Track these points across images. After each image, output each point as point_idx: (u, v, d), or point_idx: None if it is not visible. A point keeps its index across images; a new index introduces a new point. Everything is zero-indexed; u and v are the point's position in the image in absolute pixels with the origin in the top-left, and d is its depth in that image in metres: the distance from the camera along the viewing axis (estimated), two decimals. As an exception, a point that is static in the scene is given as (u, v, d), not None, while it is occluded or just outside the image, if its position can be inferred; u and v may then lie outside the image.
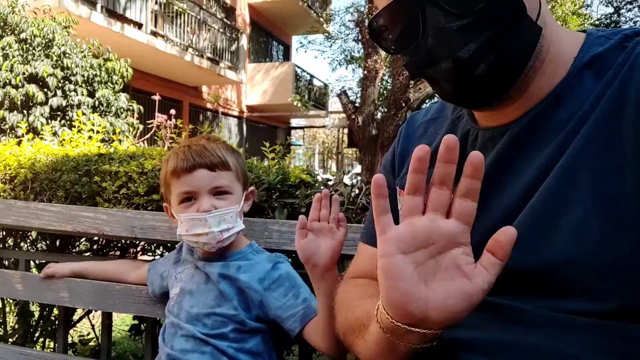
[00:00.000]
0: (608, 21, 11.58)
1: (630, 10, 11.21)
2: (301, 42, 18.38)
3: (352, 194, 1.53)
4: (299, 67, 14.74)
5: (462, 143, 0.75)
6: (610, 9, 11.70)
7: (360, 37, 9.86)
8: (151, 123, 3.88)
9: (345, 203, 1.44)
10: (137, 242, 1.73)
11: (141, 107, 5.08)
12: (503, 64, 0.62)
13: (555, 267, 0.59)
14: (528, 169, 0.65)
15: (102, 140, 2.33)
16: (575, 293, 0.58)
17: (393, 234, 0.55)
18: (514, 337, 0.62)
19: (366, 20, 9.29)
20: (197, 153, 1.12)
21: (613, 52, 0.63)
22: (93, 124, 2.25)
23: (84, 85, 4.71)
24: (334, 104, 17.70)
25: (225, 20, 11.74)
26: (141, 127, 4.85)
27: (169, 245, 1.62)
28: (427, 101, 9.42)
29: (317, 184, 1.55)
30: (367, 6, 9.67)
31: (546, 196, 0.62)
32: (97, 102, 4.64)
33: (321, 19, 15.79)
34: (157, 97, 4.59)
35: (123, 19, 8.12)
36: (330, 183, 1.60)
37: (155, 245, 1.76)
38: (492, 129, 0.71)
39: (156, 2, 9.20)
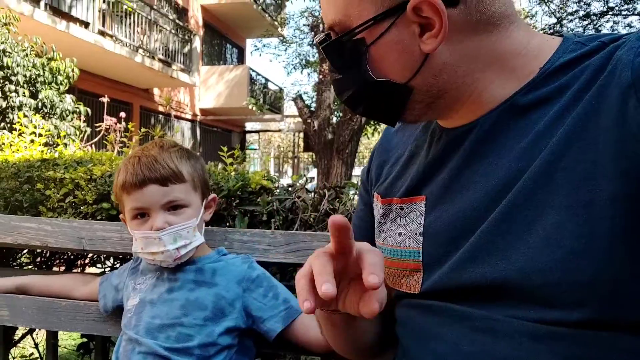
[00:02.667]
0: (551, 31, 12.13)
1: (571, 21, 11.78)
2: (256, 46, 18.25)
3: (315, 200, 1.49)
4: (253, 71, 14.60)
5: (432, 142, 0.75)
6: (554, 20, 12.27)
7: (315, 41, 9.87)
8: (99, 126, 3.70)
9: (309, 210, 1.40)
10: (85, 254, 1.62)
11: (88, 110, 4.85)
12: (373, 111, 0.73)
13: (528, 276, 0.58)
14: (497, 169, 0.63)
15: (46, 144, 2.19)
16: (547, 302, 0.57)
17: None
18: (484, 347, 0.61)
19: (321, 25, 9.31)
20: (147, 166, 1.06)
21: (588, 57, 0.61)
22: (35, 127, 2.10)
23: (25, 85, 4.43)
24: (290, 108, 17.66)
25: (177, 21, 11.46)
26: (88, 130, 4.62)
27: (120, 257, 1.53)
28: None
29: (278, 190, 1.50)
30: (321, 11, 9.71)
31: (520, 200, 0.60)
32: (40, 104, 4.37)
33: (276, 23, 15.71)
34: (105, 99, 4.40)
35: (68, 17, 7.76)
36: (291, 189, 1.55)
37: (105, 256, 1.65)
38: (455, 129, 0.71)
39: (104, 1, 8.87)
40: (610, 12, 10.80)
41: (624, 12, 10.62)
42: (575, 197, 0.56)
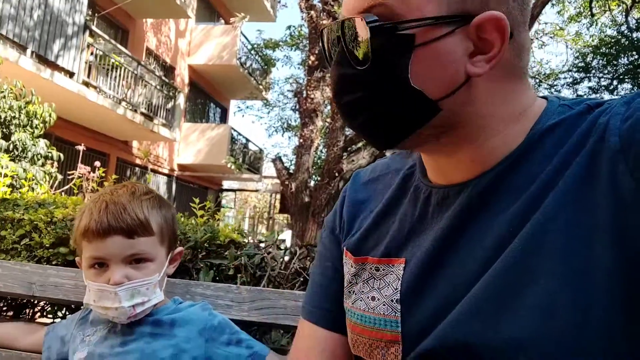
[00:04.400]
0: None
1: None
2: (239, 107, 18.59)
3: (285, 258, 1.44)
4: (235, 130, 14.76)
5: (416, 198, 0.71)
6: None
7: (297, 107, 10.11)
8: (72, 174, 3.62)
9: (278, 267, 1.35)
10: (35, 302, 1.51)
11: (61, 155, 4.76)
12: (377, 124, 0.63)
13: (520, 346, 0.53)
14: (487, 233, 0.60)
15: (11, 186, 2.12)
16: None
17: None
18: None
19: (304, 92, 9.57)
20: (114, 215, 0.98)
21: (575, 121, 0.61)
22: (2, 167, 2.04)
23: (-1, 126, 4.36)
24: (268, 169, 17.77)
25: (163, 78, 11.65)
26: (60, 176, 4.51)
27: (73, 306, 1.43)
28: (359, 173, 9.65)
29: (248, 245, 1.45)
30: (305, 78, 10.02)
31: (509, 264, 0.56)
32: (11, 146, 4.28)
33: (260, 87, 16.10)
34: (81, 147, 4.34)
35: (54, 66, 7.81)
36: (262, 245, 1.51)
37: (57, 307, 1.54)
38: (445, 188, 0.67)
39: (92, 53, 8.99)
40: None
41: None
42: (570, 264, 0.53)
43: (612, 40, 12.48)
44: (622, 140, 0.53)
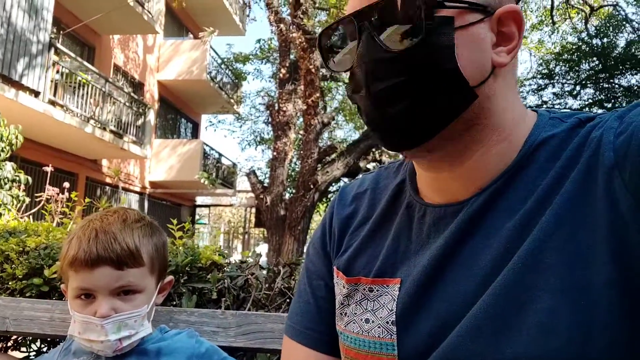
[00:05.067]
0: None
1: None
2: (211, 121, 18.42)
3: (269, 278, 1.41)
4: (207, 145, 14.61)
5: (409, 217, 0.69)
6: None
7: (270, 120, 10.08)
8: (40, 196, 3.50)
9: (263, 288, 1.32)
10: (9, 336, 1.45)
11: (29, 178, 4.61)
12: (413, 113, 0.59)
13: None
14: (485, 251, 0.59)
15: (-23, 213, 2.03)
16: None
17: None
18: None
19: (276, 105, 9.56)
20: (104, 245, 0.94)
21: (568, 135, 0.61)
22: (-33, 194, 1.95)
23: (-38, 152, 4.20)
24: (242, 183, 17.64)
25: (132, 94, 11.46)
26: (27, 200, 4.37)
27: (48, 339, 1.37)
28: (333, 184, 9.69)
29: (229, 266, 1.42)
30: (277, 91, 10.02)
31: (509, 282, 0.55)
32: (-24, 171, 4.12)
33: (232, 100, 16.00)
34: (49, 168, 4.20)
35: (18, 85, 7.59)
36: (244, 266, 1.48)
37: (30, 339, 1.48)
38: (442, 207, 0.66)
39: (58, 72, 8.79)
40: (545, 106, 11.70)
41: (556, 107, 11.56)
42: (570, 280, 0.52)
43: (574, 47, 12.90)
44: (616, 155, 0.53)
